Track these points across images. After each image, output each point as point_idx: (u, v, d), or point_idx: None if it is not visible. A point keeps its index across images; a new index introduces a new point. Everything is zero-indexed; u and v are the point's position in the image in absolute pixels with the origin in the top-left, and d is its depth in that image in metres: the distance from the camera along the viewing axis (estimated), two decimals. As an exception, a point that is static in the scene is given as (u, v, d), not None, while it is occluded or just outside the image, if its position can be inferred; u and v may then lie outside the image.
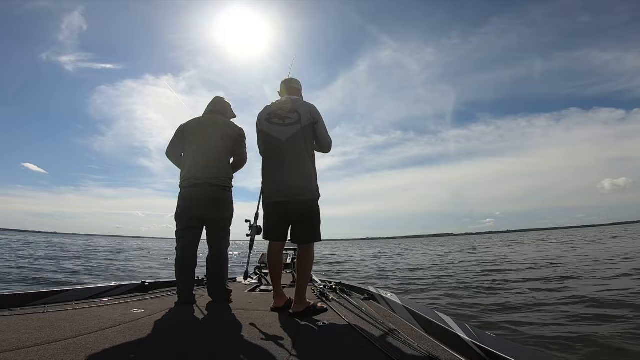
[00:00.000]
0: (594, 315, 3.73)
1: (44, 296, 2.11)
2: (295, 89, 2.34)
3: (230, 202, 2.50)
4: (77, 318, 1.69)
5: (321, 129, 2.18)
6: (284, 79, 2.41)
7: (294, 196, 2.04)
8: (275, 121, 2.13)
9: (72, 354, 1.17)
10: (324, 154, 2.30)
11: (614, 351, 2.75)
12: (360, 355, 1.29)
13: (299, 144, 2.08)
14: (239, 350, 1.36)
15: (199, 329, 1.68)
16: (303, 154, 2.08)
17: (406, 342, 1.37)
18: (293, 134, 2.08)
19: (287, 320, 1.85)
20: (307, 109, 2.14)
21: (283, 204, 2.07)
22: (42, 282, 6.77)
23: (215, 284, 2.40)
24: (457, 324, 1.43)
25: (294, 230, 2.12)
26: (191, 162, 2.39)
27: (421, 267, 10.62)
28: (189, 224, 2.36)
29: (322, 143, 2.23)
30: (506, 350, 1.09)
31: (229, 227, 2.50)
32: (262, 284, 3.38)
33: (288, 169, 2.06)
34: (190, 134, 2.46)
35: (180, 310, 2.06)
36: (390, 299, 2.19)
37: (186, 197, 2.36)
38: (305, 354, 1.29)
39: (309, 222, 2.09)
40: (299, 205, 2.05)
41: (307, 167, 2.09)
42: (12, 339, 1.29)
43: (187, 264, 2.34)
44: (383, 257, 17.89)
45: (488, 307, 4.48)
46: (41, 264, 10.12)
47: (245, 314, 1.99)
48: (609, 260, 9.17)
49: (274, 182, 2.12)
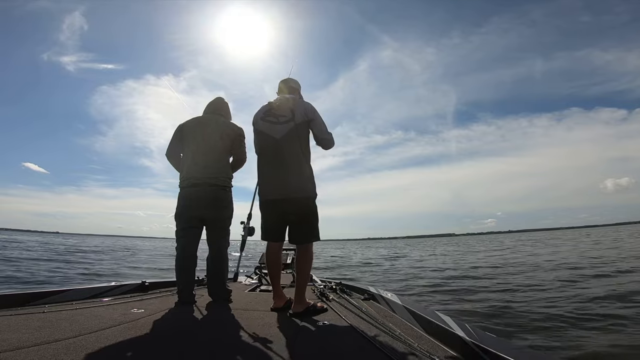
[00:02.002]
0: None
1: (44, 296, 2.11)
2: (292, 89, 2.34)
3: (230, 201, 2.50)
4: (77, 318, 1.69)
5: (318, 126, 2.15)
6: (282, 79, 2.43)
7: (289, 194, 2.03)
8: (269, 119, 2.13)
9: (72, 354, 1.17)
10: (326, 151, 2.27)
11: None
12: (360, 355, 1.29)
13: (294, 142, 2.06)
14: (239, 350, 1.36)
15: (199, 329, 1.68)
16: (297, 152, 2.07)
17: (406, 342, 1.37)
18: (287, 132, 2.07)
19: (287, 321, 1.85)
20: (302, 106, 2.14)
21: (279, 202, 2.06)
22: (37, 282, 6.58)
23: (215, 284, 2.40)
24: (457, 324, 1.43)
25: (292, 230, 2.10)
26: (190, 162, 2.39)
27: (490, 270, 8.68)
28: (189, 224, 2.36)
29: (321, 140, 2.19)
30: (506, 350, 1.09)
31: (228, 227, 2.50)
32: (262, 284, 3.38)
33: (282, 167, 2.06)
34: (189, 133, 2.46)
35: (180, 310, 2.06)
36: (391, 299, 2.19)
37: (186, 197, 2.36)
38: (305, 354, 1.29)
39: (307, 222, 2.07)
40: (294, 203, 2.03)
41: (302, 166, 2.08)
42: (12, 338, 1.29)
43: (187, 264, 2.34)
44: (404, 258, 16.00)
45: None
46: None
47: (245, 314, 1.99)
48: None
49: (269, 180, 2.12)
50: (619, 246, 15.30)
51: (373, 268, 11.88)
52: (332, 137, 2.20)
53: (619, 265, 8.00)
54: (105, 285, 2.55)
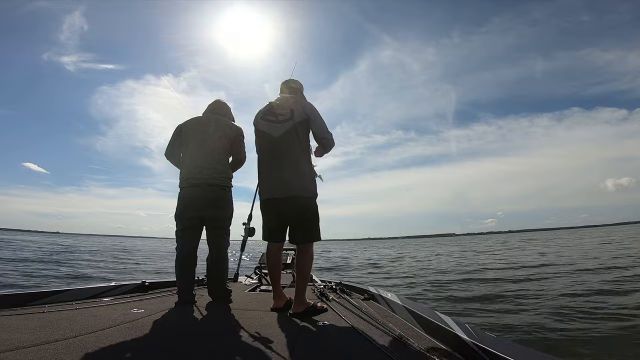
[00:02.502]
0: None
1: (44, 296, 2.11)
2: (293, 89, 2.36)
3: (230, 201, 2.50)
4: (77, 318, 1.69)
5: (317, 126, 2.13)
6: (283, 80, 2.44)
7: (287, 193, 2.02)
8: (269, 118, 2.14)
9: (72, 354, 1.17)
10: (327, 151, 2.23)
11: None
12: (360, 355, 1.29)
13: (293, 141, 2.06)
14: (239, 350, 1.36)
15: (199, 329, 1.68)
16: (297, 151, 2.06)
17: (406, 342, 1.37)
18: (286, 131, 2.06)
19: (287, 321, 1.85)
20: (301, 105, 2.13)
21: (278, 201, 2.05)
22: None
23: (215, 284, 2.40)
24: (457, 324, 1.43)
25: (292, 230, 2.09)
26: (190, 162, 2.40)
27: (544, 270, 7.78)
28: (188, 224, 2.36)
29: (321, 139, 2.17)
30: (506, 350, 1.09)
31: (228, 227, 2.50)
32: (262, 284, 3.38)
33: (281, 166, 2.05)
34: (189, 133, 2.46)
35: (180, 310, 2.06)
36: (391, 299, 2.19)
37: (185, 198, 2.37)
38: (305, 354, 1.29)
39: (306, 222, 2.06)
40: (294, 203, 2.02)
41: (301, 165, 2.06)
42: (12, 338, 1.29)
43: (187, 264, 2.34)
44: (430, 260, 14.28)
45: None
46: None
47: (245, 314, 1.99)
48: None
49: (268, 179, 2.12)
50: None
51: (378, 269, 11.55)
52: (332, 137, 2.18)
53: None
54: (105, 285, 2.55)
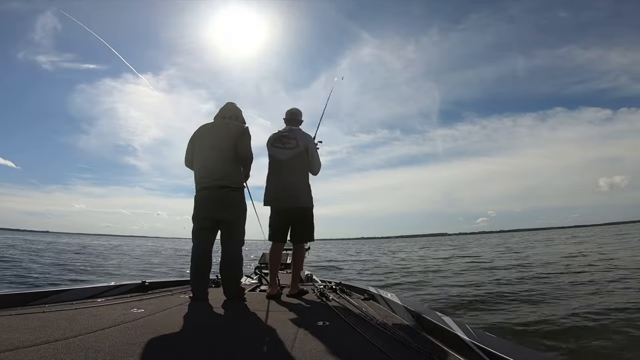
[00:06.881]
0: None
1: (44, 296, 2.11)
2: (296, 121, 2.94)
3: (242, 202, 2.57)
4: (77, 318, 1.69)
5: (311, 155, 2.80)
6: (288, 109, 2.97)
7: (292, 204, 2.71)
8: (278, 145, 2.81)
9: (72, 353, 1.17)
10: (315, 175, 2.90)
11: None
12: (360, 355, 1.29)
13: (297, 163, 2.74)
14: (238, 350, 1.36)
15: (198, 329, 1.68)
16: (299, 172, 2.75)
17: (406, 342, 1.37)
18: (291, 156, 2.75)
19: (287, 321, 1.86)
20: (303, 137, 2.82)
21: (285, 210, 2.75)
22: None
23: (228, 283, 2.47)
24: (457, 324, 1.43)
25: (293, 231, 2.78)
26: (200, 166, 2.51)
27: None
28: (202, 225, 2.48)
29: (312, 166, 2.84)
30: (506, 350, 1.09)
31: (242, 227, 2.57)
32: (262, 283, 3.38)
33: (287, 183, 2.72)
34: (198, 140, 2.57)
35: (180, 310, 2.06)
36: (390, 299, 2.19)
37: (198, 200, 2.50)
38: (305, 354, 1.29)
39: (305, 226, 2.79)
40: (297, 212, 2.73)
41: (303, 182, 2.78)
42: (12, 338, 1.29)
43: (202, 263, 2.45)
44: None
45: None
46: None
47: (245, 314, 1.99)
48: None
49: (277, 192, 2.75)
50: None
51: (377, 270, 11.35)
52: (319, 168, 2.86)
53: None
54: (105, 285, 2.55)
